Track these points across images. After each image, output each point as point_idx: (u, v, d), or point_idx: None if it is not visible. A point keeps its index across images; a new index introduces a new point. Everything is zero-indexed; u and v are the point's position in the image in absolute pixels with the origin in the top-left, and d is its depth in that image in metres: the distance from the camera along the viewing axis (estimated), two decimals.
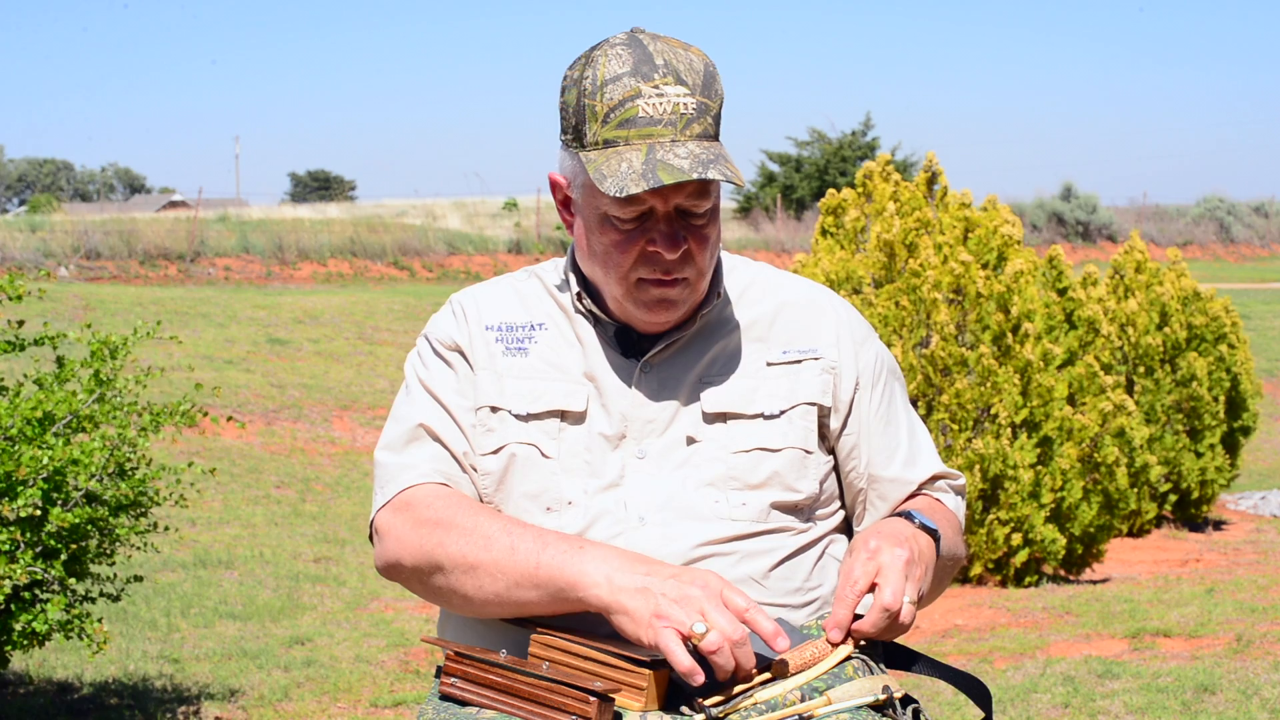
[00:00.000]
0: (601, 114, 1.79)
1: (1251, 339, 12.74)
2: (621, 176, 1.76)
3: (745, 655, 1.67)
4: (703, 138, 1.80)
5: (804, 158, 36.13)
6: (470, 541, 1.79)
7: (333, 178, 61.61)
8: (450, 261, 26.47)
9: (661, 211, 1.81)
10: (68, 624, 4.20)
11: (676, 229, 1.82)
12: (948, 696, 4.78)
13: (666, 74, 1.79)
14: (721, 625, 1.65)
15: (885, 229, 7.51)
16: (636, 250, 1.83)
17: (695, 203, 1.81)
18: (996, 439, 7.24)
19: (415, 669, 5.76)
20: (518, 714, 1.72)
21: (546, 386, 1.90)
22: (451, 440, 1.89)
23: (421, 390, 1.93)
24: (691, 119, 1.79)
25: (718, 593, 1.68)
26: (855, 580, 1.78)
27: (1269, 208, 40.63)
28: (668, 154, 1.76)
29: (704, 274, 1.86)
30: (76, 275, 21.64)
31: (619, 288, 1.86)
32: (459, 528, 1.80)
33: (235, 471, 10.52)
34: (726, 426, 1.89)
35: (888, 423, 1.97)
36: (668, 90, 1.78)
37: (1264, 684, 4.74)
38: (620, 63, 1.79)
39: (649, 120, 1.77)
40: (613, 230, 1.83)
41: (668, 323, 1.89)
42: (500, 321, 1.95)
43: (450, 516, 1.82)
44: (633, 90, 1.78)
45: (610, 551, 1.75)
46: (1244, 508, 11.16)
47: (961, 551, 2.00)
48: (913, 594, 1.76)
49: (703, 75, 1.81)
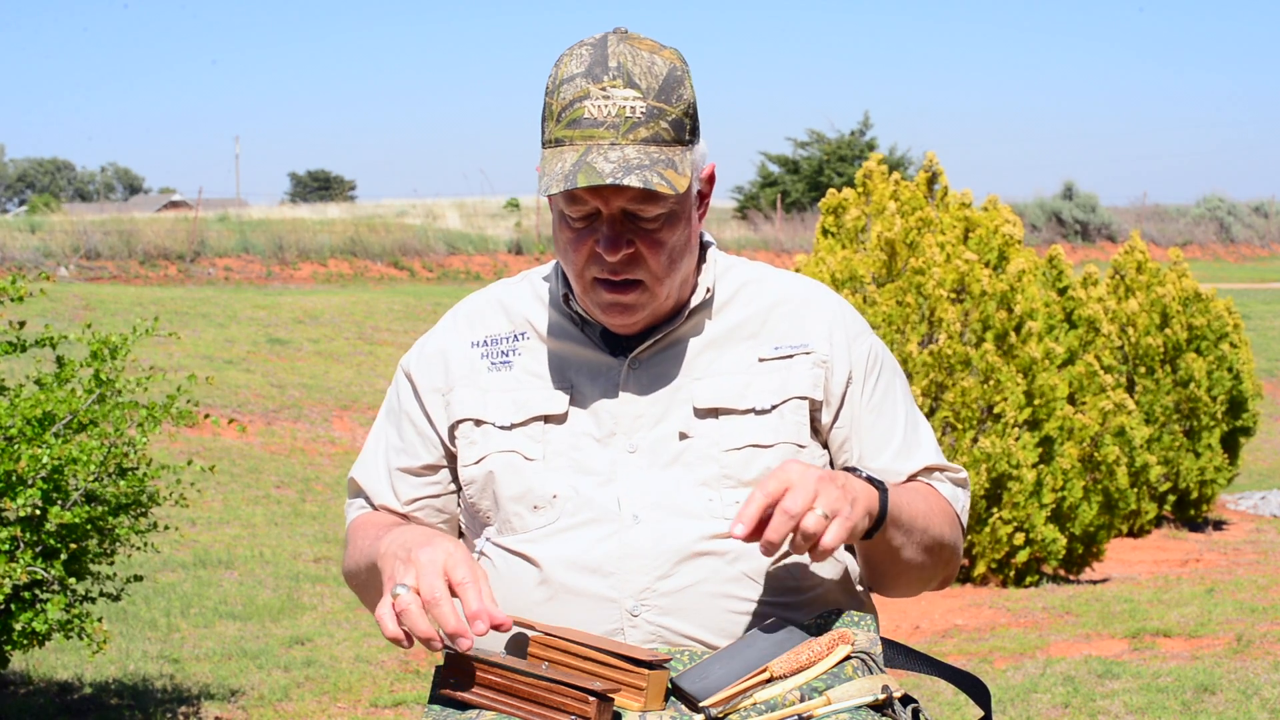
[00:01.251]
0: (556, 112, 1.81)
1: (1251, 339, 12.74)
2: (552, 176, 1.78)
3: (442, 615, 1.64)
4: (651, 142, 1.79)
5: (803, 158, 36.13)
6: (360, 551, 1.95)
7: (333, 178, 61.59)
8: (450, 261, 26.47)
9: (605, 213, 1.82)
10: (68, 624, 4.20)
11: (621, 231, 1.82)
12: (948, 696, 4.78)
13: (617, 76, 1.78)
14: (422, 587, 1.66)
15: (886, 228, 7.51)
16: (587, 249, 1.84)
17: (640, 206, 1.81)
18: (1001, 438, 7.24)
19: (415, 669, 5.76)
20: (517, 714, 1.72)
21: (529, 395, 1.93)
22: (375, 492, 2.03)
23: (375, 428, 2.07)
24: (638, 123, 1.78)
25: (440, 561, 1.68)
26: (764, 485, 1.69)
27: (1269, 208, 40.63)
28: (598, 157, 1.76)
29: (662, 278, 1.85)
30: (76, 275, 21.64)
31: (577, 285, 1.89)
32: (354, 545, 2.00)
33: (235, 471, 10.53)
34: (718, 422, 1.89)
35: (880, 415, 1.96)
36: (615, 93, 1.78)
37: (1264, 684, 4.74)
38: (579, 63, 1.80)
39: (592, 122, 1.78)
40: (566, 228, 1.85)
41: (627, 326, 1.90)
42: (485, 336, 1.99)
43: (354, 538, 2.01)
44: (582, 91, 1.79)
45: (416, 537, 1.76)
46: (1244, 508, 11.16)
47: (948, 536, 1.95)
48: (825, 507, 1.67)
49: (662, 79, 1.80)
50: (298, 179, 61.81)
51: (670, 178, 1.78)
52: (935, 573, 1.97)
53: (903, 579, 1.95)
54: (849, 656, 1.79)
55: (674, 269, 1.86)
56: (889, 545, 1.86)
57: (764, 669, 1.75)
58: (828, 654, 1.78)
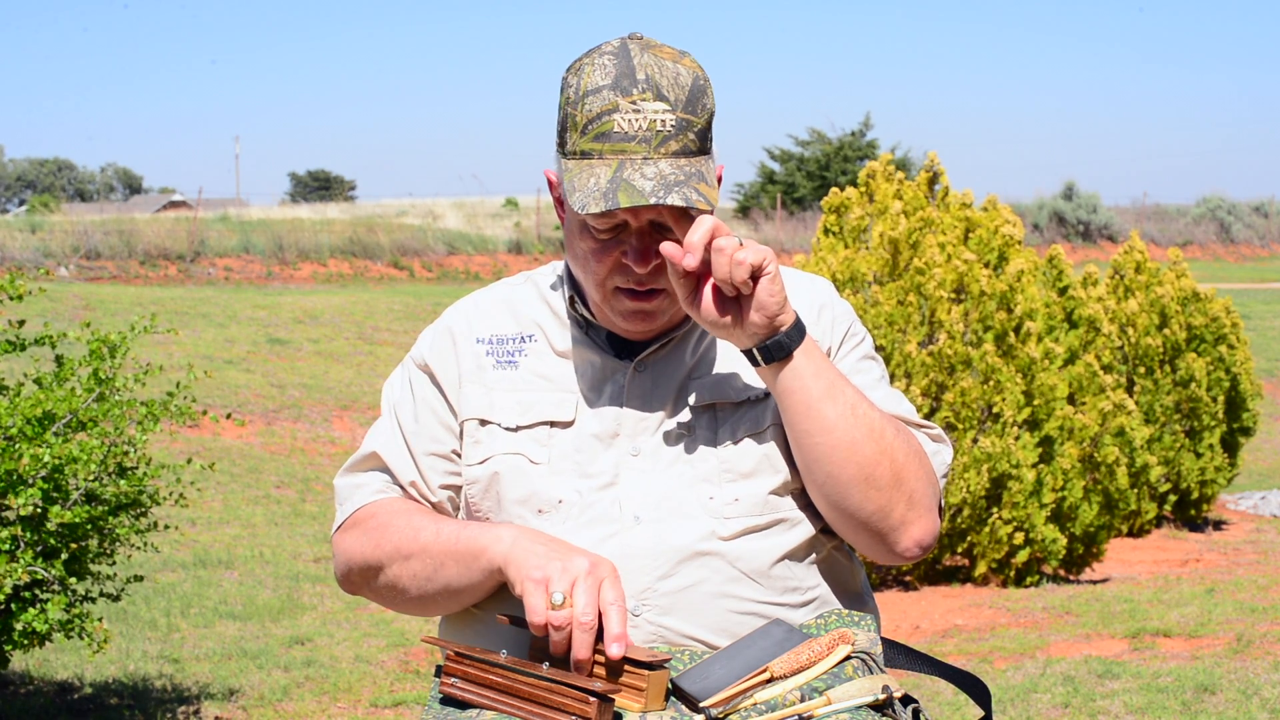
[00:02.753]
0: (581, 124, 1.80)
1: (1251, 339, 12.74)
2: (587, 192, 1.77)
3: (581, 643, 1.68)
4: (681, 155, 1.79)
5: (804, 156, 36.13)
6: (402, 535, 1.88)
7: (333, 178, 61.60)
8: (450, 261, 26.48)
9: (634, 226, 1.82)
10: (68, 624, 4.20)
11: (650, 244, 1.82)
12: (948, 696, 4.78)
13: (646, 89, 1.78)
14: (578, 604, 1.68)
15: (890, 227, 7.51)
16: (612, 260, 1.84)
17: (673, 222, 1.81)
18: (1001, 438, 7.24)
19: (415, 669, 5.76)
20: (518, 714, 1.72)
21: (536, 397, 1.92)
22: (401, 469, 1.96)
23: (388, 417, 2.00)
24: (669, 136, 1.78)
25: (598, 577, 1.71)
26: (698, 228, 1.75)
27: (1269, 208, 40.63)
28: (635, 173, 1.76)
29: None
30: (76, 275, 21.64)
31: (597, 294, 1.88)
32: (393, 526, 1.89)
33: (235, 471, 10.53)
34: (715, 416, 1.90)
35: (855, 373, 1.94)
36: (645, 106, 1.78)
37: (1264, 684, 4.74)
38: (603, 74, 1.79)
39: (623, 136, 1.78)
40: (590, 238, 1.85)
41: (646, 332, 1.90)
42: (491, 335, 1.98)
43: (388, 520, 1.91)
44: (611, 104, 1.78)
45: (525, 528, 1.82)
46: (1244, 508, 11.16)
47: (899, 449, 1.82)
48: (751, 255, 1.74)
49: (688, 90, 1.80)
50: (298, 179, 61.83)
51: (705, 192, 1.78)
52: (880, 475, 1.80)
53: (837, 460, 1.80)
54: (849, 656, 1.79)
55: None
56: (805, 391, 1.80)
57: (764, 669, 1.75)
58: (828, 654, 1.78)
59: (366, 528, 1.92)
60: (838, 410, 1.80)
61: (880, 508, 1.82)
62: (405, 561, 1.87)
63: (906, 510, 1.83)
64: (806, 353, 1.81)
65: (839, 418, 1.80)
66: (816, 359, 1.82)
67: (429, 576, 1.85)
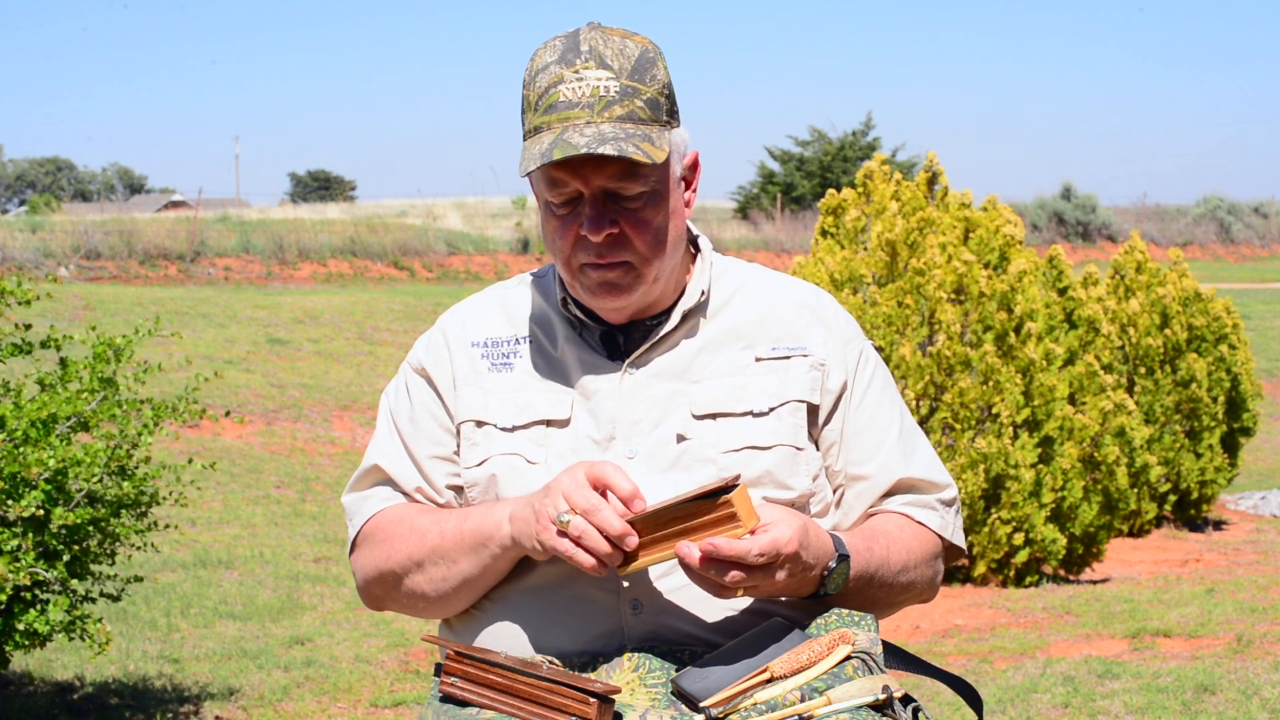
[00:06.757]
0: (533, 102, 1.83)
1: (1251, 339, 12.74)
2: (530, 157, 1.80)
3: (604, 520, 1.70)
4: (626, 120, 1.80)
5: (805, 156, 36.11)
6: (409, 542, 1.90)
7: (333, 178, 61.55)
8: (450, 261, 26.46)
9: (587, 194, 1.82)
10: (70, 625, 4.20)
11: (603, 211, 1.83)
12: (948, 697, 4.78)
13: (589, 59, 1.80)
14: (576, 500, 1.71)
15: (887, 228, 7.51)
16: (572, 234, 1.85)
17: (621, 184, 1.82)
18: (998, 438, 7.24)
19: (415, 669, 5.76)
20: (518, 714, 1.72)
21: (532, 398, 1.92)
22: (404, 477, 1.97)
23: (386, 425, 2.02)
24: (612, 101, 1.79)
25: (576, 477, 1.73)
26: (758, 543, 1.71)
27: (1269, 208, 40.60)
28: (574, 134, 1.78)
29: (649, 259, 1.86)
30: (76, 275, 21.64)
31: (566, 274, 1.89)
32: (399, 536, 1.92)
33: (235, 471, 10.53)
34: (716, 424, 1.89)
35: (873, 419, 1.96)
36: (588, 74, 1.80)
37: (1264, 684, 4.74)
38: (551, 52, 1.82)
39: (568, 104, 1.80)
40: (552, 216, 1.86)
41: (617, 310, 1.90)
42: (486, 338, 1.99)
43: (393, 531, 1.93)
44: (556, 77, 1.81)
45: (519, 498, 1.83)
46: (1244, 508, 11.16)
47: (922, 576, 1.97)
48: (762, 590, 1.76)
49: (635, 60, 1.81)
50: (298, 179, 61.78)
51: (647, 149, 1.78)
52: (907, 602, 2.00)
53: (876, 610, 1.95)
54: (849, 656, 1.79)
55: (660, 251, 1.86)
56: (857, 593, 1.89)
57: (764, 669, 1.75)
58: (828, 654, 1.78)
59: (375, 541, 1.95)
60: (883, 593, 1.92)
61: (899, 608, 2.01)
62: (419, 568, 1.90)
63: (922, 600, 2.04)
64: (857, 579, 1.87)
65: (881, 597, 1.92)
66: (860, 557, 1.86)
67: (444, 576, 1.87)
